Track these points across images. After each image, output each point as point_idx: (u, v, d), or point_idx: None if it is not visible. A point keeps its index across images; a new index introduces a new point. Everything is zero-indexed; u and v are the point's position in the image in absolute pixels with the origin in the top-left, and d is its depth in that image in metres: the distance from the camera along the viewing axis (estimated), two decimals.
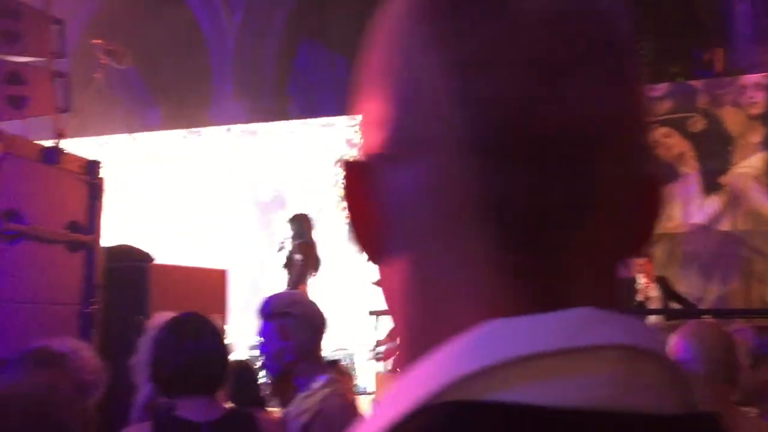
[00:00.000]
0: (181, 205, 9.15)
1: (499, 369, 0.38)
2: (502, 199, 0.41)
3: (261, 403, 2.98)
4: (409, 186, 0.43)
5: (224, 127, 9.38)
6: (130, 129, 9.62)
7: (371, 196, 0.45)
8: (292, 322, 2.65)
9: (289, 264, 6.87)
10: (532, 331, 0.38)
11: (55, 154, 3.44)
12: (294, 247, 6.86)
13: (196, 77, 10.08)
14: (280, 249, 7.10)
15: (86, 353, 2.90)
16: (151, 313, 3.99)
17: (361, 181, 0.46)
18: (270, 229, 8.81)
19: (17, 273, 3.26)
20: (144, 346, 2.77)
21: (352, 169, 0.47)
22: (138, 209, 8.95)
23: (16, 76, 3.30)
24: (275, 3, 10.14)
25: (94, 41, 3.88)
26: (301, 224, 6.99)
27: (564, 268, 0.41)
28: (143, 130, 9.75)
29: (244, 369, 2.93)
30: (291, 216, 7.30)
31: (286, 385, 2.85)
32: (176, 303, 4.11)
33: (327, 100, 9.23)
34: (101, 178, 3.69)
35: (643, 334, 0.40)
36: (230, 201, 9.09)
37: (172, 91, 10.08)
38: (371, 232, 0.46)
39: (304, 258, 6.79)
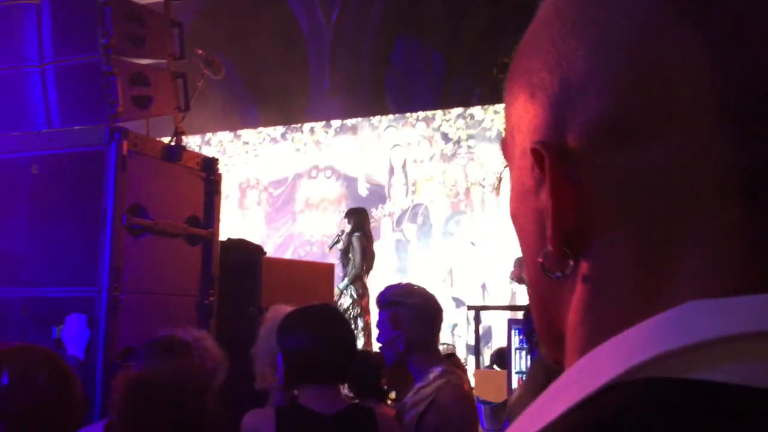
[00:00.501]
0: (280, 200, 9.37)
1: (703, 348, 0.36)
2: (762, 173, 0.39)
3: (381, 396, 3.02)
4: (638, 167, 0.41)
5: (322, 123, 9.54)
6: (232, 126, 9.92)
7: (568, 180, 0.43)
8: (404, 311, 2.67)
9: (345, 258, 6.94)
10: (742, 310, 0.37)
11: (176, 151, 3.58)
12: (352, 241, 6.90)
13: (294, 74, 10.28)
14: (336, 242, 7.18)
15: (208, 342, 3.01)
16: (264, 304, 4.13)
17: (559, 167, 0.43)
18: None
19: (143, 265, 3.42)
20: (266, 336, 2.86)
21: (549, 151, 0.44)
22: (241, 204, 9.23)
23: (140, 77, 3.46)
24: (370, 1, 10.23)
25: (196, 51, 4.01)
26: (360, 218, 7.04)
27: None
28: (244, 127, 10.03)
29: (367, 360, 2.98)
30: (348, 210, 7.35)
31: (402, 375, 2.88)
32: (286, 295, 4.23)
33: (423, 95, 9.23)
34: (219, 174, 3.82)
35: None
36: (328, 196, 9.24)
37: (271, 88, 10.32)
38: (566, 221, 0.43)
39: (362, 252, 6.82)
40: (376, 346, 3.24)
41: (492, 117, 8.57)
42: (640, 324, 0.38)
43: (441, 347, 6.94)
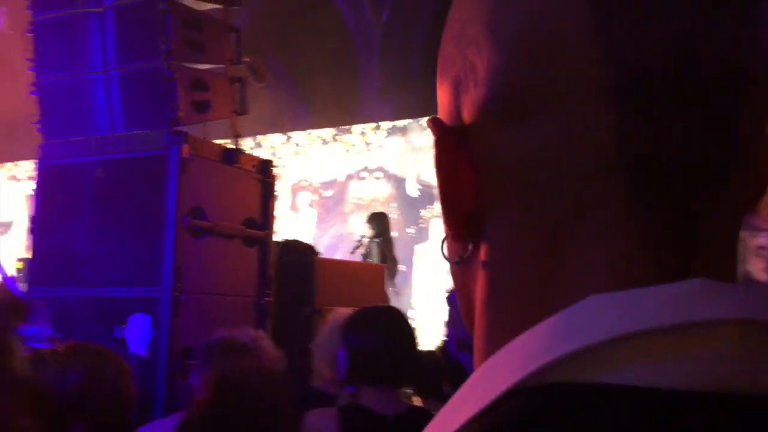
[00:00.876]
0: (331, 201, 9.46)
1: (606, 347, 0.33)
2: (646, 154, 0.36)
3: (443, 397, 3.04)
4: (526, 147, 0.38)
5: (372, 125, 9.58)
6: (283, 128, 10.04)
7: (467, 161, 0.40)
8: (454, 311, 2.68)
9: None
10: (643, 305, 0.34)
11: (234, 154, 3.66)
12: (373, 246, 6.84)
13: (343, 76, 10.34)
14: (357, 247, 7.10)
15: (265, 342, 3.08)
16: (317, 304, 4.18)
17: (454, 144, 0.41)
18: (418, 224, 8.92)
19: (202, 266, 3.50)
20: (327, 337, 2.90)
21: (443, 131, 0.42)
22: (293, 205, 9.34)
23: (200, 82, 3.55)
24: (420, 0, 10.24)
25: (244, 59, 4.08)
26: (381, 222, 6.97)
27: (701, 235, 0.36)
28: (294, 129, 10.13)
29: (429, 361, 2.99)
30: (370, 215, 7.26)
31: (459, 375, 2.90)
32: (339, 296, 4.29)
33: None
34: (273, 176, 3.89)
35: (765, 307, 0.34)
36: (378, 197, 9.29)
37: (321, 90, 10.41)
38: (464, 203, 0.41)
39: (381, 258, 6.75)
40: None
41: None
42: (543, 322, 0.36)
43: None
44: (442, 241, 0.44)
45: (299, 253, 4.31)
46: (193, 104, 3.51)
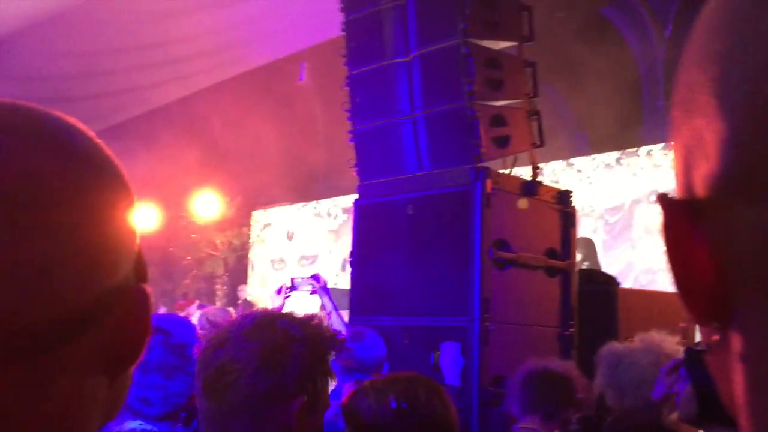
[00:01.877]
0: (617, 227, 9.14)
1: None
2: None
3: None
4: None
5: (660, 145, 9.13)
6: (563, 155, 9.95)
7: (704, 239, 0.36)
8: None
9: None
10: None
11: (534, 186, 3.72)
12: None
13: (624, 96, 10.01)
14: None
15: (576, 373, 3.06)
16: (622, 335, 4.06)
17: (688, 220, 0.37)
18: None
19: (508, 297, 3.59)
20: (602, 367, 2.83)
21: (674, 206, 0.38)
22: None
23: (500, 118, 3.67)
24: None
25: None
26: (588, 248, 6.77)
27: None
28: (575, 155, 9.99)
29: None
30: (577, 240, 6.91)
31: None
32: (645, 326, 4.11)
33: None
34: (573, 207, 3.88)
35: None
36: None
37: (601, 113, 10.16)
38: (702, 286, 0.37)
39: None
40: None
41: None
42: None
43: None
44: None
45: (599, 282, 4.22)
46: (494, 140, 3.64)
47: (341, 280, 10.70)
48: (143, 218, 13.50)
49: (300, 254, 12.21)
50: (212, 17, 9.98)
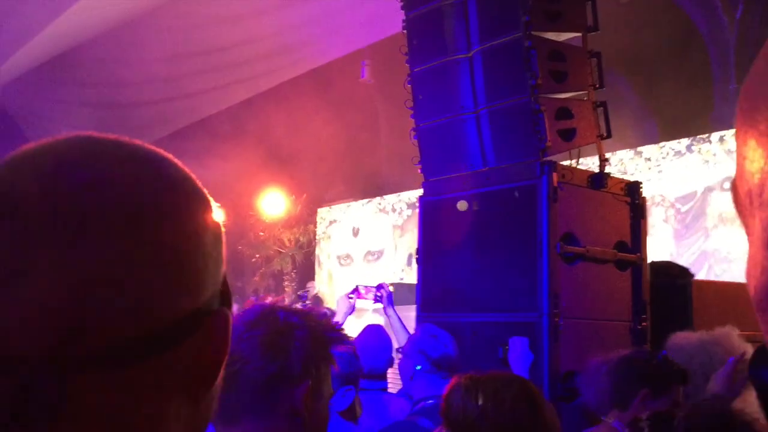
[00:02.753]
0: (689, 216, 8.89)
1: None
2: None
3: None
4: None
5: (732, 130, 8.84)
6: (630, 143, 9.72)
7: None
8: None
9: None
10: None
11: (601, 179, 3.66)
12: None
13: (694, 81, 9.72)
14: None
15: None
16: (696, 329, 3.96)
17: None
18: None
19: (577, 292, 3.55)
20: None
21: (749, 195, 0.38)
22: None
23: (565, 111, 3.62)
24: None
25: None
26: None
27: None
28: (644, 143, 9.75)
29: None
30: None
31: None
32: (720, 320, 4.00)
33: None
34: (643, 198, 3.80)
35: None
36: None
37: (670, 99, 9.88)
38: None
39: None
40: None
41: None
42: None
43: None
44: None
45: (672, 275, 4.13)
46: (559, 133, 3.60)
47: (407, 275, 10.71)
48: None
49: (366, 250, 12.28)
50: (272, 19, 10.13)
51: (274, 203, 12.94)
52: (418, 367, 3.10)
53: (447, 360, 3.10)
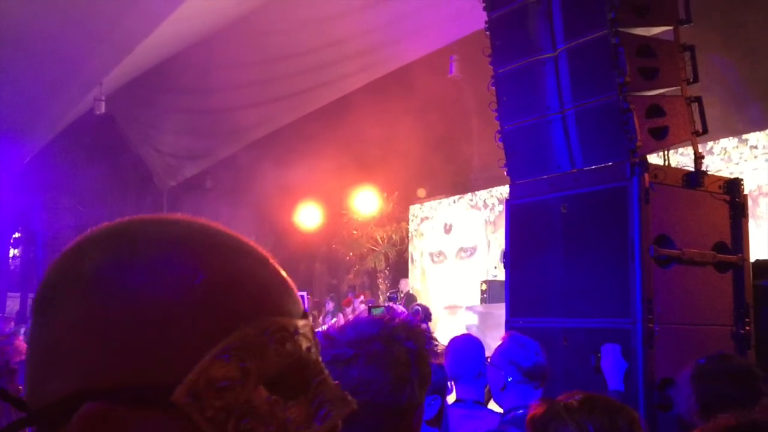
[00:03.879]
0: None
1: None
2: None
3: None
4: None
5: None
6: (735, 131, 9.27)
7: None
8: None
9: None
10: None
11: (697, 177, 3.51)
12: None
13: None
14: None
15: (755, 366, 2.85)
16: None
17: None
18: None
19: (673, 296, 3.41)
20: None
21: None
22: (752, 213, 8.55)
23: (656, 108, 3.49)
24: None
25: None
26: None
27: None
28: (750, 131, 9.28)
29: None
30: None
31: None
32: None
33: None
34: (744, 196, 3.62)
35: None
36: None
37: None
38: None
39: None
40: None
41: None
42: None
43: None
44: None
45: None
46: (650, 132, 3.47)
47: (501, 272, 10.61)
48: (309, 217, 14.06)
49: (459, 246, 12.23)
50: (360, 19, 10.21)
51: (366, 201, 13.07)
52: (510, 379, 3.06)
53: (539, 369, 3.04)
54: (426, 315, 4.06)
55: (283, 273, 0.63)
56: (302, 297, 11.85)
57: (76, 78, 11.39)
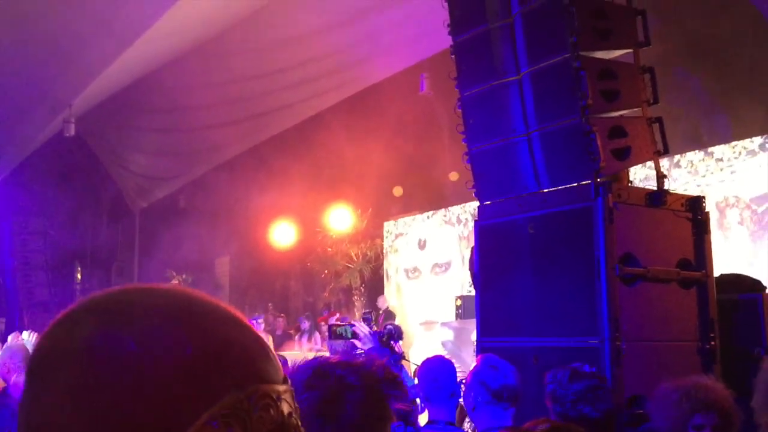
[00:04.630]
0: (764, 217, 8.57)
1: None
2: None
3: None
4: None
5: None
6: (701, 144, 9.44)
7: None
8: None
9: None
10: None
11: (660, 196, 3.59)
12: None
13: (766, 73, 9.36)
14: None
15: (721, 388, 2.91)
16: None
17: None
18: None
19: (639, 313, 3.48)
20: (762, 385, 2.66)
21: None
22: (720, 224, 8.70)
23: (618, 130, 3.57)
24: None
25: None
26: None
27: None
28: (715, 144, 9.44)
29: None
30: None
31: None
32: None
33: None
34: (706, 213, 3.70)
35: None
36: None
37: (741, 94, 9.55)
38: None
39: None
40: None
41: None
42: None
43: None
44: None
45: (742, 288, 3.99)
46: (613, 152, 3.54)
47: None
48: (283, 235, 14.05)
49: (433, 262, 12.29)
50: (330, 38, 10.28)
51: (340, 219, 13.08)
52: (479, 399, 3.09)
53: (507, 391, 3.07)
54: (398, 334, 4.12)
55: (262, 338, 0.67)
56: (254, 321, 11.78)
57: (44, 100, 11.32)
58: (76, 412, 0.58)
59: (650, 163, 3.78)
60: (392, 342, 4.23)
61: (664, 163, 9.43)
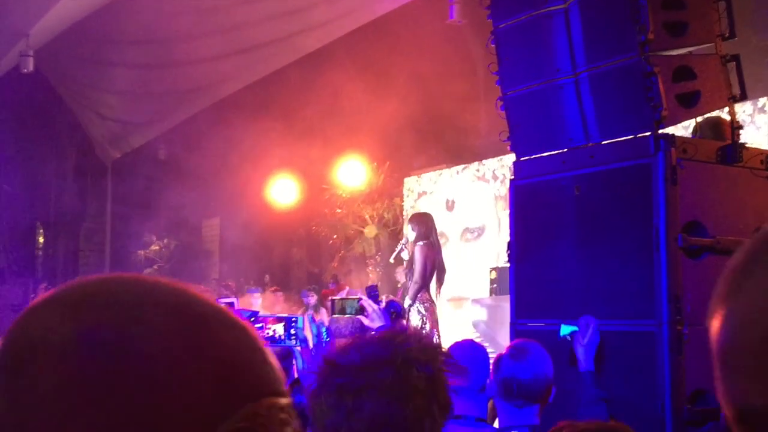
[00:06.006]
0: None
1: None
2: None
3: None
4: None
5: None
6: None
7: None
8: None
9: (410, 270, 7.54)
10: None
11: (734, 151, 3.57)
12: (414, 251, 7.45)
13: None
14: (399, 252, 8.07)
15: None
16: None
17: None
18: None
19: (705, 292, 3.48)
20: None
21: None
22: None
23: (685, 70, 3.54)
24: None
25: None
26: (424, 225, 7.65)
27: None
28: None
29: None
30: (411, 216, 8.00)
31: None
32: None
33: None
34: None
35: None
36: None
37: None
38: None
39: (423, 263, 7.37)
40: None
41: None
42: None
43: None
44: None
45: None
46: (678, 98, 3.53)
47: None
48: (283, 192, 14.11)
49: (463, 226, 12.32)
50: None
51: (352, 173, 13.10)
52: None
53: (518, 384, 3.09)
54: (402, 312, 4.27)
55: (262, 344, 0.71)
56: (251, 294, 11.87)
57: None
58: (69, 416, 0.60)
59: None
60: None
61: (747, 107, 9.34)
